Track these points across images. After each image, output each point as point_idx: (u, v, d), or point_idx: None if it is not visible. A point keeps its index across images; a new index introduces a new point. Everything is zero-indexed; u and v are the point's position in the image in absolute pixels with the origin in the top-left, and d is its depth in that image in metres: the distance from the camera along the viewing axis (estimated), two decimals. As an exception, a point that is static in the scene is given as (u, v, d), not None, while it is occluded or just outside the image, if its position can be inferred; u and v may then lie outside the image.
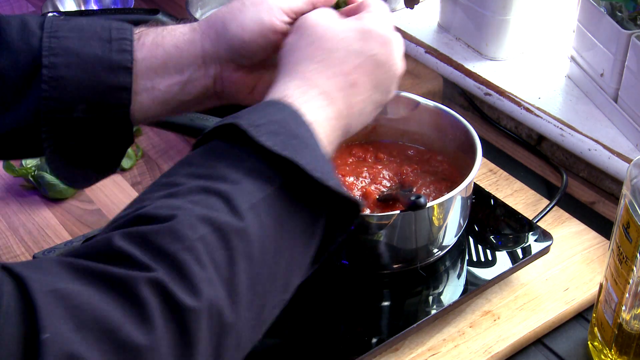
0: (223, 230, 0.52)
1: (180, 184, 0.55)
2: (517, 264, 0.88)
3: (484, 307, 0.87)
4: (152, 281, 0.48)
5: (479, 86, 1.19)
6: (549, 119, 1.10)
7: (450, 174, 0.91)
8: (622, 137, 1.05)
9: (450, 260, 0.89)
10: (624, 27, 1.02)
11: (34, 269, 0.48)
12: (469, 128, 0.88)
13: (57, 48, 0.68)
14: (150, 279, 0.48)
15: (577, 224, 0.98)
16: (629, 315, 0.75)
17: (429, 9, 1.35)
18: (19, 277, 0.46)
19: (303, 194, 0.57)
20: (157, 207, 0.53)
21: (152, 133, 1.19)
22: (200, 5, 1.27)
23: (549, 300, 0.88)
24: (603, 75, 1.07)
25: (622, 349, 0.78)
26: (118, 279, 0.48)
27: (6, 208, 1.06)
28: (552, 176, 1.10)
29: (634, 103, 1.02)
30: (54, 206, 1.06)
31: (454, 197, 0.81)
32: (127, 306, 0.47)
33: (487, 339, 0.84)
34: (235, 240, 0.52)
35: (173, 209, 0.52)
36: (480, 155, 0.84)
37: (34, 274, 0.47)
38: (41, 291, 0.45)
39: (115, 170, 0.77)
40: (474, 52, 1.25)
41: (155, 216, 0.52)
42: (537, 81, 1.18)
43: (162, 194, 0.55)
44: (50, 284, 0.46)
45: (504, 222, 0.94)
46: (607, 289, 0.78)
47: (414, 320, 0.81)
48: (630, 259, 0.72)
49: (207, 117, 0.91)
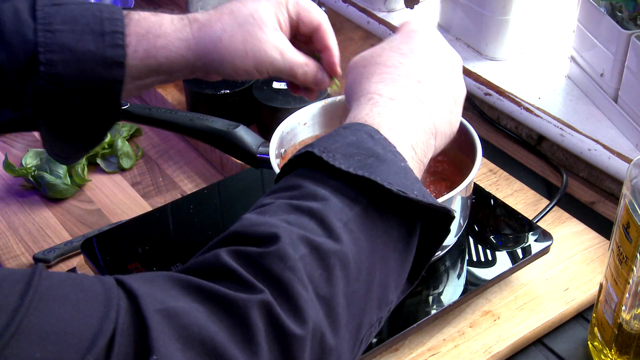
0: (320, 250, 0.52)
1: (268, 203, 0.56)
2: (517, 264, 0.88)
3: (484, 307, 0.87)
4: (260, 304, 0.48)
5: (479, 86, 1.19)
6: (549, 119, 1.10)
7: (450, 174, 0.91)
8: (622, 137, 1.05)
9: (450, 260, 0.89)
10: (624, 27, 1.02)
11: (146, 284, 0.48)
12: (469, 128, 0.88)
13: (52, 44, 0.69)
14: (259, 301, 0.48)
15: (577, 224, 0.98)
16: (629, 315, 0.75)
17: (429, 9, 1.35)
18: (131, 293, 0.47)
19: (390, 208, 0.57)
20: (253, 224, 0.53)
21: (152, 133, 1.19)
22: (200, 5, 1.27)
23: (549, 300, 0.88)
24: (603, 75, 1.07)
25: (622, 349, 0.78)
26: (227, 299, 0.48)
27: (6, 208, 1.06)
28: (552, 176, 1.10)
29: (634, 103, 1.02)
30: (54, 206, 1.06)
31: (454, 197, 0.81)
32: (234, 328, 0.47)
33: (487, 339, 0.84)
34: (332, 260, 0.52)
35: (272, 227, 0.52)
36: (480, 155, 0.84)
37: (146, 289, 0.48)
38: (152, 310, 0.46)
39: (101, 141, 0.79)
40: (474, 52, 1.25)
41: (255, 235, 0.52)
42: (537, 81, 1.18)
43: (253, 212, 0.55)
44: (161, 301, 0.47)
45: (504, 222, 0.94)
46: (607, 289, 0.78)
47: (414, 320, 0.81)
48: (630, 259, 0.72)
49: (207, 117, 0.91)
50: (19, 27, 0.69)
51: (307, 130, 0.92)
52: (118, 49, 0.71)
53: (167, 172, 1.11)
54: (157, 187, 1.09)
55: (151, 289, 0.48)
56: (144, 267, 0.87)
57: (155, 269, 0.86)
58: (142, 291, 0.47)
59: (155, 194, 1.08)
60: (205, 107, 1.11)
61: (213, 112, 0.99)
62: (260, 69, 0.76)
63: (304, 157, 0.58)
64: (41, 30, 0.69)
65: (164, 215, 0.97)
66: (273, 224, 0.52)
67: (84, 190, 1.08)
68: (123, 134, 1.14)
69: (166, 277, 0.49)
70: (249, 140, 0.89)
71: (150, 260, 0.88)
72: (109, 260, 0.89)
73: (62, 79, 0.70)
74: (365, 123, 0.61)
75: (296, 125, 0.91)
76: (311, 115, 0.92)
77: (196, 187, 1.08)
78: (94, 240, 0.92)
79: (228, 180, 1.03)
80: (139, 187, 1.09)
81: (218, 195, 1.00)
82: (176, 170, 1.12)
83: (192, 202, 0.98)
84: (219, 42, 0.74)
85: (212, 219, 0.97)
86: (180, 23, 0.75)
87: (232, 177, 1.03)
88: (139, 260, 0.88)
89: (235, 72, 0.76)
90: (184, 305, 0.47)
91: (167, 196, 1.07)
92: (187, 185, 1.09)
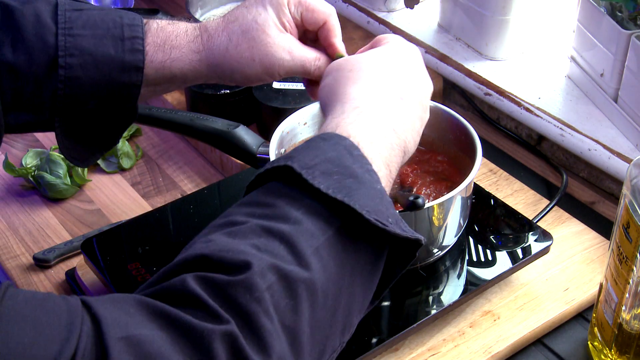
0: (289, 279, 0.51)
1: (240, 223, 0.55)
2: (517, 264, 0.88)
3: (484, 307, 0.87)
4: (224, 335, 0.48)
5: (479, 86, 1.19)
6: (549, 119, 1.10)
7: (450, 174, 0.91)
8: (622, 137, 1.05)
9: (450, 260, 0.89)
10: (624, 27, 1.02)
11: (111, 308, 0.48)
12: (469, 128, 0.88)
13: (72, 48, 0.70)
14: (223, 332, 0.48)
15: (577, 224, 0.98)
16: (629, 315, 0.75)
17: (429, 9, 1.35)
18: (95, 318, 0.46)
19: (362, 234, 0.56)
20: (222, 249, 0.52)
21: (152, 133, 1.19)
22: (200, 5, 1.27)
23: (549, 300, 0.88)
24: (603, 75, 1.07)
25: (622, 349, 0.78)
26: (191, 328, 0.47)
27: (6, 208, 1.06)
28: (552, 176, 1.10)
29: (634, 103, 1.02)
30: (54, 206, 1.06)
31: (454, 197, 0.81)
32: (196, 358, 0.47)
33: (487, 339, 0.84)
34: (299, 289, 0.52)
35: (241, 254, 0.51)
36: (480, 155, 0.84)
37: (110, 313, 0.47)
38: (115, 337, 0.46)
39: (117, 143, 0.80)
40: (474, 52, 1.25)
41: (224, 261, 0.51)
42: (537, 81, 1.18)
43: (223, 232, 0.54)
44: (124, 328, 0.46)
45: (504, 222, 0.94)
46: (607, 289, 0.78)
47: (414, 320, 0.81)
48: (630, 259, 0.72)
49: (207, 117, 0.91)
50: (40, 30, 0.69)
51: (307, 130, 0.92)
52: (137, 54, 0.71)
53: (167, 172, 1.11)
54: (157, 187, 1.09)
55: (116, 313, 0.47)
56: (144, 267, 0.87)
57: (155, 269, 0.86)
58: (106, 316, 0.47)
59: (155, 194, 1.08)
60: (205, 107, 1.11)
61: (213, 112, 0.99)
62: (272, 72, 0.75)
63: (282, 170, 0.57)
64: (62, 34, 0.69)
65: (164, 215, 0.97)
66: (242, 251, 0.51)
67: (84, 190, 1.08)
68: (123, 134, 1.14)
69: (132, 301, 0.49)
70: (249, 140, 0.89)
71: (150, 260, 0.88)
72: (109, 260, 0.89)
73: (81, 82, 0.70)
74: (348, 135, 0.60)
75: (296, 125, 0.91)
76: (311, 115, 0.92)
77: (196, 187, 1.08)
78: (94, 240, 0.92)
79: (228, 180, 1.03)
80: (139, 187, 1.09)
81: (218, 195, 1.00)
82: (176, 170, 1.12)
83: (192, 202, 0.98)
84: (226, 53, 0.74)
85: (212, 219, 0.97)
86: (193, 34, 0.75)
87: (232, 177, 1.03)
88: (139, 260, 0.88)
89: (248, 79, 0.76)
90: (148, 332, 0.47)
91: (167, 196, 1.07)
92: (187, 185, 1.09)
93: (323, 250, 0.54)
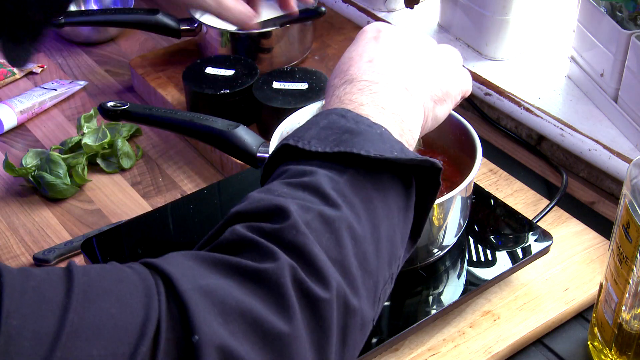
0: (324, 216, 0.53)
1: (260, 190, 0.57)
2: (517, 264, 0.88)
3: (484, 307, 0.87)
4: (288, 271, 0.49)
5: (479, 86, 1.19)
6: (549, 119, 1.10)
7: (450, 174, 0.91)
8: (622, 137, 1.05)
9: (450, 260, 0.89)
10: (624, 27, 1.02)
11: (174, 263, 0.49)
12: (469, 128, 0.88)
13: None
14: (286, 268, 0.49)
15: (577, 224, 0.98)
16: (629, 315, 0.75)
17: (429, 9, 1.35)
18: (165, 276, 0.48)
19: (378, 171, 0.58)
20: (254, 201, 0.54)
21: (152, 133, 1.19)
22: (200, 5, 1.27)
23: (549, 300, 0.88)
24: (603, 75, 1.07)
25: (622, 349, 0.78)
26: (254, 271, 0.49)
27: (6, 208, 1.06)
28: (552, 176, 1.10)
29: (634, 103, 1.02)
30: (54, 206, 1.06)
31: (454, 197, 0.81)
32: (267, 297, 0.48)
33: (487, 339, 0.84)
34: (336, 224, 0.54)
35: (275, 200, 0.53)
36: (480, 155, 0.84)
37: (175, 268, 0.48)
38: (189, 289, 0.47)
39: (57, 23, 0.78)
40: (474, 52, 1.25)
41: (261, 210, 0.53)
42: (537, 81, 1.18)
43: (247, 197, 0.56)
44: (192, 280, 0.47)
45: (504, 222, 0.94)
46: (607, 289, 0.78)
47: (414, 320, 0.81)
48: (630, 259, 0.72)
49: (207, 117, 0.91)
50: None
51: (307, 130, 0.92)
52: None
53: (167, 172, 1.11)
54: (157, 187, 1.09)
55: (180, 267, 0.48)
56: (144, 267, 0.87)
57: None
58: (174, 271, 0.48)
59: (155, 194, 1.08)
60: (205, 107, 1.11)
61: (213, 112, 0.99)
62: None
63: (283, 152, 0.60)
64: None
65: (164, 215, 0.97)
66: (275, 197, 0.54)
67: (84, 190, 1.08)
68: (123, 134, 1.14)
69: (189, 257, 0.50)
70: (249, 140, 0.89)
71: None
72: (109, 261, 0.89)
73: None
74: (338, 106, 0.63)
75: (296, 125, 0.90)
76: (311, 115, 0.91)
77: (196, 187, 1.08)
78: (94, 240, 0.92)
79: (228, 180, 1.03)
80: (139, 187, 1.09)
81: (218, 195, 1.00)
82: (176, 170, 1.12)
83: (192, 202, 0.98)
84: None
85: (212, 219, 0.97)
86: None
87: (232, 177, 1.03)
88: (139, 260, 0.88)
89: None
90: (215, 281, 0.48)
91: (167, 196, 1.07)
92: (187, 185, 1.09)
93: (345, 190, 0.56)
